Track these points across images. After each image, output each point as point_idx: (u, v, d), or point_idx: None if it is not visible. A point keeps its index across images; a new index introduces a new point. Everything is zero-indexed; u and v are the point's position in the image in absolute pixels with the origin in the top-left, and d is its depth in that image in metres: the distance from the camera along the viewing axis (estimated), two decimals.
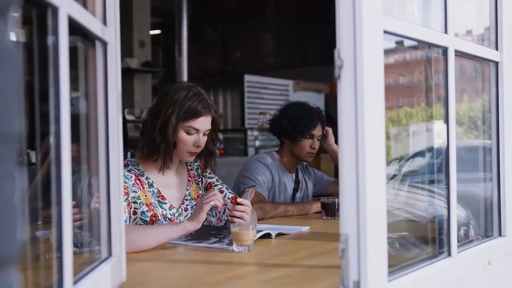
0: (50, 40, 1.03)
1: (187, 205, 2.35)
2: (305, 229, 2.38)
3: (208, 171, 2.47)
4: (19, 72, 0.59)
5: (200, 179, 2.44)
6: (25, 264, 1.03)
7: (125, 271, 1.45)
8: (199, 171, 2.45)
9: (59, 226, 1.02)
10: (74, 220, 1.11)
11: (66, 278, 1.02)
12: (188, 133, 2.22)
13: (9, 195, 0.56)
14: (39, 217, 1.46)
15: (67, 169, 1.03)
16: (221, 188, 2.42)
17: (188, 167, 2.44)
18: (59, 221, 1.02)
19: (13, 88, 0.58)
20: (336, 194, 3.04)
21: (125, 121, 5.67)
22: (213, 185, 2.43)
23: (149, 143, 2.23)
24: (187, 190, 2.38)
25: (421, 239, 1.73)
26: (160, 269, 1.74)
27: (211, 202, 2.02)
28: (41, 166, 2.01)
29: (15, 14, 0.63)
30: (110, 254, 1.39)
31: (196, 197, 2.39)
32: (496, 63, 1.82)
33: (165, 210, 2.25)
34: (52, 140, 1.03)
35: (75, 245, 1.24)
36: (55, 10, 1.01)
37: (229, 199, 2.39)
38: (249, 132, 7.68)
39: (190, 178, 2.41)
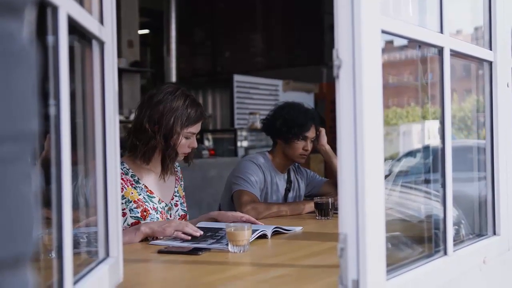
0: (49, 39, 1.02)
1: (176, 201, 2.45)
2: (298, 229, 2.38)
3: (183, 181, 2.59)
4: (35, 71, 0.59)
5: (182, 183, 2.56)
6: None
7: (123, 271, 1.44)
8: (181, 175, 2.57)
9: (59, 227, 1.01)
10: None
11: (67, 278, 1.02)
12: (186, 138, 2.33)
13: (26, 195, 0.56)
14: None
15: (67, 169, 1.02)
16: (182, 201, 2.52)
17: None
18: (59, 222, 1.01)
19: (30, 87, 0.57)
20: (328, 194, 3.05)
21: None
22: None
23: (151, 149, 2.30)
24: (176, 187, 2.48)
25: (416, 239, 1.74)
26: (157, 270, 1.74)
27: (174, 233, 2.07)
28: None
29: (32, 12, 0.62)
30: (107, 254, 1.38)
31: (182, 195, 2.51)
32: (490, 63, 1.83)
33: (155, 203, 2.32)
34: (51, 140, 1.02)
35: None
36: (55, 9, 1.00)
37: (179, 216, 2.46)
38: (238, 133, 7.67)
39: (177, 178, 2.52)
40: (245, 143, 7.73)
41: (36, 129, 0.59)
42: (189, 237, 2.05)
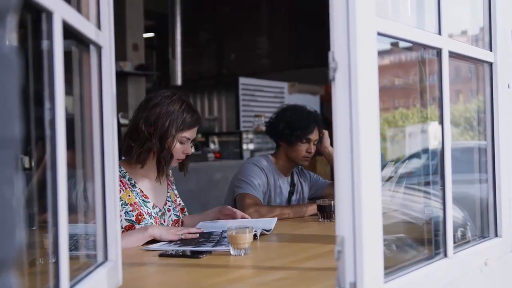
0: (44, 44, 1.03)
1: (169, 206, 2.47)
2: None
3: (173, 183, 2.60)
4: (17, 77, 0.60)
5: (174, 186, 2.58)
6: (22, 269, 1.02)
7: (121, 275, 1.44)
8: (172, 179, 2.59)
9: (56, 231, 1.01)
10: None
11: (63, 282, 1.02)
12: (181, 142, 2.35)
13: (8, 199, 0.57)
14: (34, 223, 1.45)
15: (63, 174, 1.03)
16: (174, 206, 2.52)
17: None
18: (55, 226, 1.01)
19: (12, 92, 0.58)
20: (331, 196, 3.04)
21: (119, 125, 5.67)
22: (176, 196, 2.58)
23: (146, 151, 2.32)
24: (168, 192, 2.50)
25: (417, 241, 1.73)
26: (156, 274, 1.74)
27: (182, 236, 2.16)
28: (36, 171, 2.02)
29: (14, 19, 0.63)
30: (106, 258, 1.39)
31: (174, 200, 2.52)
32: (490, 64, 1.82)
33: (149, 208, 2.35)
34: (47, 145, 1.02)
35: (70, 249, 1.23)
36: (49, 14, 1.01)
37: (172, 221, 2.48)
38: (244, 135, 7.67)
39: (169, 183, 2.54)
40: (250, 146, 7.74)
41: (18, 135, 0.60)
42: (197, 235, 2.17)
